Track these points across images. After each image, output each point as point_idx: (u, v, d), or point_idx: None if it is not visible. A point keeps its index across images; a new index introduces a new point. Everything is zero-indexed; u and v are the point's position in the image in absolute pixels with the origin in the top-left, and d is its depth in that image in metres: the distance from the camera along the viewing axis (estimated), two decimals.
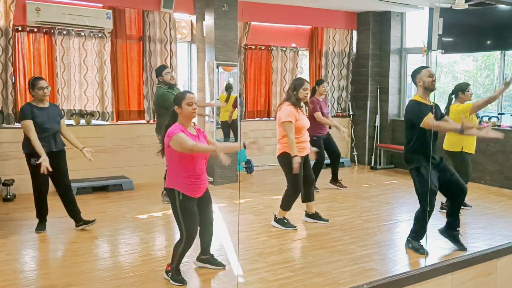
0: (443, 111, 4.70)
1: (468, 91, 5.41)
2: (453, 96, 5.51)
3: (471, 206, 5.79)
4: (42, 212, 4.75)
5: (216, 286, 3.60)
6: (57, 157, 4.66)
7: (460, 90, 5.43)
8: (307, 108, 5.22)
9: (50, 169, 4.39)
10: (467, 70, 10.24)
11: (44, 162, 4.35)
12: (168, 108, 5.58)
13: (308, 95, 4.91)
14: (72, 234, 4.71)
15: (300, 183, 4.87)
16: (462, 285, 3.98)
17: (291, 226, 4.96)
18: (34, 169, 4.55)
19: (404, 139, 4.36)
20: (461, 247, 4.41)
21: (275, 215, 5.04)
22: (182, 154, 3.41)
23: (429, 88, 4.21)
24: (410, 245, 4.39)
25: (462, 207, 5.67)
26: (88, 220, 4.84)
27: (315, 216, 5.18)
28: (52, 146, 4.63)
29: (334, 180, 6.90)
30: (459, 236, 4.48)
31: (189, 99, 3.49)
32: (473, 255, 4.15)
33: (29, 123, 4.47)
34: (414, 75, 4.30)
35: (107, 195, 6.28)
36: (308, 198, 5.11)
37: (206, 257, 3.85)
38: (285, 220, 5.00)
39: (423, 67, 4.30)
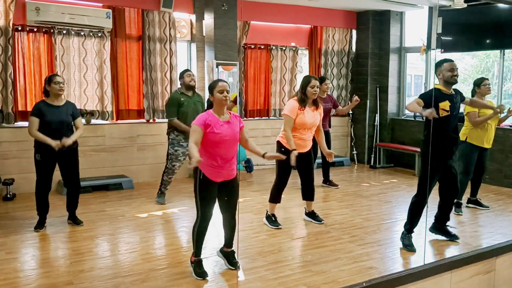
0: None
1: (485, 85, 5.50)
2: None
3: (488, 207, 5.80)
4: (41, 209, 4.79)
5: (216, 284, 3.60)
6: (65, 154, 4.71)
7: (476, 85, 5.58)
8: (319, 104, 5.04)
9: (56, 144, 4.51)
10: (466, 69, 10.25)
11: (54, 143, 4.50)
12: (168, 109, 5.62)
13: (317, 92, 4.87)
14: (72, 233, 4.72)
15: (284, 176, 4.93)
16: (461, 283, 4.00)
17: (275, 225, 4.96)
18: (38, 165, 4.69)
19: None
20: (454, 237, 4.51)
21: (266, 211, 5.11)
22: (205, 137, 3.46)
23: (449, 82, 4.22)
24: (401, 240, 4.43)
25: (478, 206, 5.76)
26: (77, 221, 4.94)
27: (311, 215, 5.19)
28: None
29: (325, 180, 6.95)
30: (449, 228, 4.58)
31: (220, 87, 3.55)
32: (472, 253, 4.17)
33: (34, 120, 4.59)
34: (436, 67, 4.30)
35: (107, 194, 6.29)
36: (306, 196, 5.12)
37: (226, 251, 3.90)
38: (272, 218, 5.03)
39: (445, 60, 4.26)
